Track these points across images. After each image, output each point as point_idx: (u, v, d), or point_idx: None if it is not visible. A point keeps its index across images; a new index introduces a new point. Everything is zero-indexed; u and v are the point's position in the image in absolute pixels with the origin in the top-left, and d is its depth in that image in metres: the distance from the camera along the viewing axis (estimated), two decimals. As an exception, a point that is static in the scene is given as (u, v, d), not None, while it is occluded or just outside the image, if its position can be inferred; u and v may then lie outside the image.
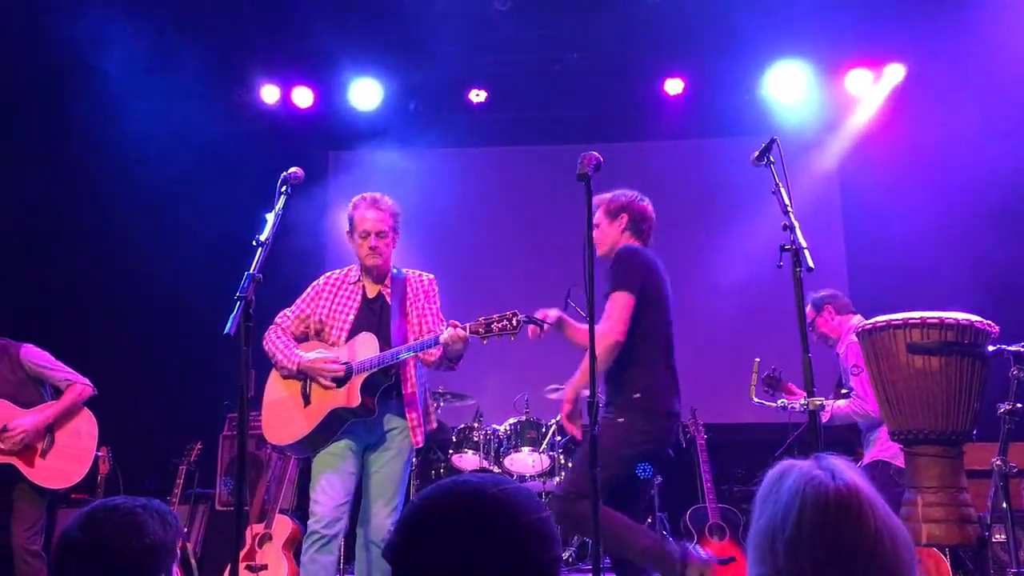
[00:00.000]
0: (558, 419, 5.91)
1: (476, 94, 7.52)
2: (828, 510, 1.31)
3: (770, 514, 1.35)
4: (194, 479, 5.90)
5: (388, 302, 3.75)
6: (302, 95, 7.51)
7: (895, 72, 7.14)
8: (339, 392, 3.57)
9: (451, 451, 5.91)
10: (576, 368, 3.59)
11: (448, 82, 7.50)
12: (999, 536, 3.63)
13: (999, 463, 3.11)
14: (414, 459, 4.62)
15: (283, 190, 3.29)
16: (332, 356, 3.61)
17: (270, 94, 7.48)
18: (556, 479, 5.55)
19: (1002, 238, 6.18)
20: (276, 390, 3.76)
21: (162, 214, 6.64)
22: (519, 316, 3.39)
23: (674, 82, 7.35)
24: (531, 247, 7.52)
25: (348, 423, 3.59)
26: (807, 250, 2.98)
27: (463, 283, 6.36)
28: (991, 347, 3.05)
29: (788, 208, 3.08)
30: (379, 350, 3.56)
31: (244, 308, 2.90)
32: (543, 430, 5.82)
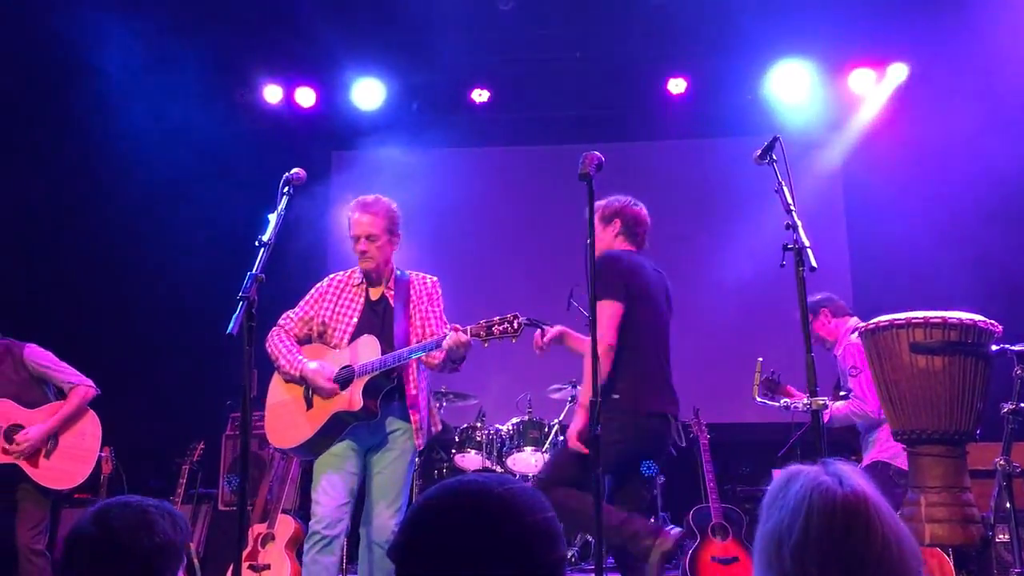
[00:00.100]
0: (561, 419, 5.92)
1: (479, 94, 7.52)
2: (835, 516, 1.30)
3: (777, 520, 1.35)
4: (197, 479, 5.90)
5: (391, 304, 3.73)
6: (305, 95, 7.52)
7: (898, 71, 7.13)
8: (341, 395, 3.56)
9: (454, 451, 5.91)
10: (578, 370, 3.60)
11: (451, 82, 7.51)
12: (1002, 536, 3.63)
13: (1002, 463, 3.11)
14: (417, 459, 4.61)
15: (285, 191, 3.29)
16: (328, 373, 3.60)
17: (273, 94, 7.49)
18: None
19: (1006, 237, 6.18)
20: (279, 393, 3.76)
21: (165, 214, 6.65)
22: (520, 318, 3.37)
23: (677, 82, 7.34)
24: (533, 247, 7.51)
25: (351, 426, 3.58)
26: (810, 249, 2.97)
27: (465, 283, 6.36)
28: (994, 347, 3.05)
29: (791, 207, 3.07)
30: (381, 353, 3.55)
31: (247, 308, 2.90)
32: (545, 430, 5.82)
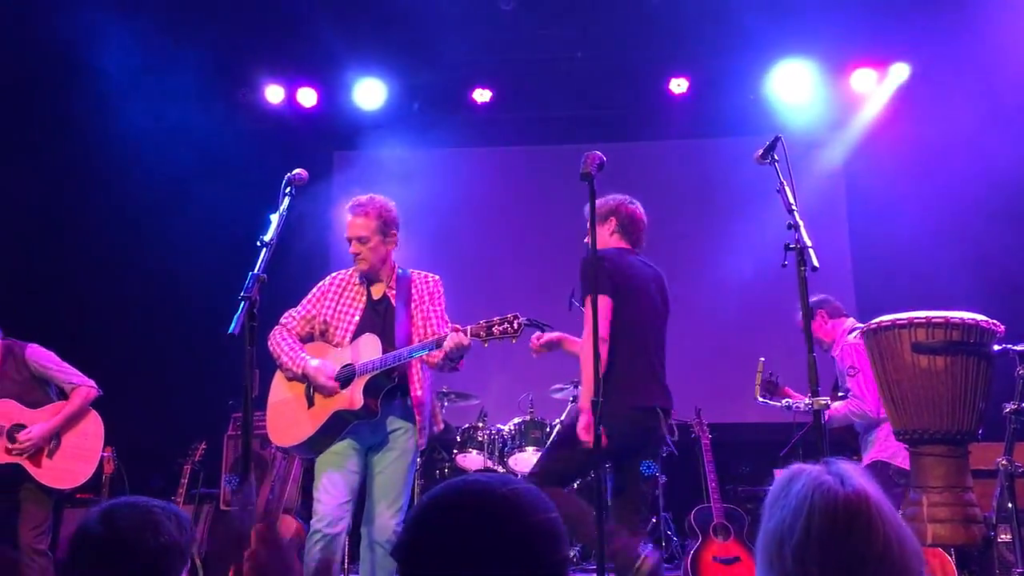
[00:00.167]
0: (562, 418, 5.92)
1: (480, 94, 7.52)
2: (837, 516, 1.30)
3: (779, 519, 1.35)
4: (199, 479, 5.90)
5: (393, 303, 3.73)
6: (306, 95, 7.52)
7: (900, 71, 7.12)
8: (342, 394, 3.56)
9: (455, 451, 5.91)
10: (579, 370, 3.61)
11: (452, 82, 7.51)
12: (1004, 536, 3.62)
13: (1004, 463, 3.11)
14: (418, 459, 4.61)
15: (287, 191, 3.29)
16: (329, 371, 3.59)
17: (274, 94, 7.49)
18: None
19: (1007, 237, 6.17)
20: (280, 391, 3.76)
21: (167, 214, 6.65)
22: (520, 319, 3.36)
23: (679, 81, 7.33)
24: (535, 247, 7.51)
25: (351, 424, 3.58)
26: (812, 249, 2.97)
27: (466, 283, 6.36)
28: (996, 346, 3.05)
29: (793, 207, 3.07)
30: (382, 352, 3.55)
31: (248, 308, 2.90)
32: (547, 430, 5.81)
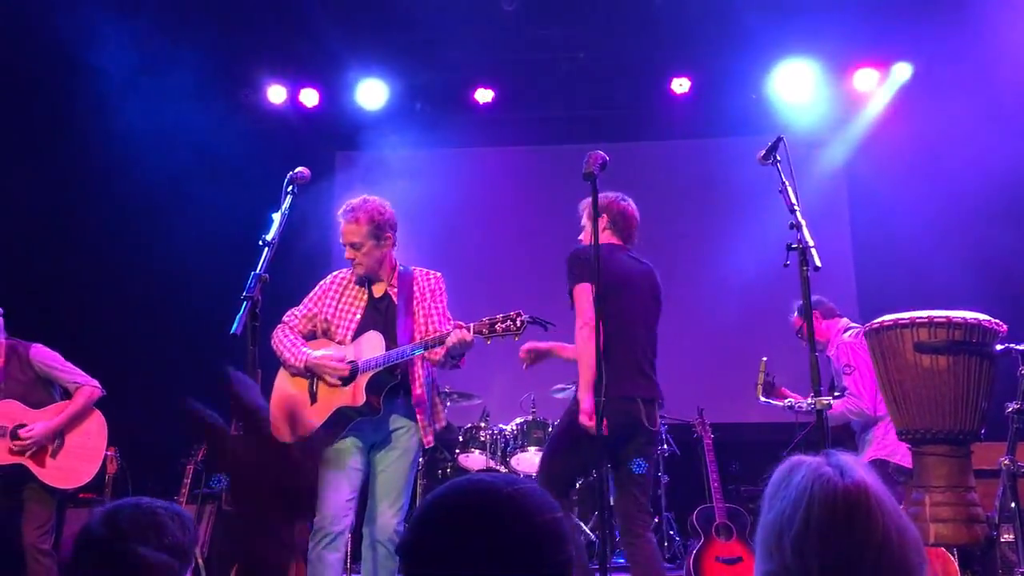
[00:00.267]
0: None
1: (482, 94, 7.52)
2: (836, 507, 1.30)
3: (778, 510, 1.35)
4: (201, 479, 5.91)
5: (394, 301, 3.73)
6: (308, 95, 7.53)
7: (902, 71, 7.12)
8: (345, 391, 3.57)
9: (458, 451, 5.91)
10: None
11: (454, 82, 7.51)
12: (1007, 536, 3.61)
13: (1007, 462, 3.11)
14: (420, 458, 4.61)
15: (289, 190, 3.30)
16: (339, 355, 3.60)
17: (277, 94, 7.50)
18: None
19: (1010, 236, 6.16)
20: (284, 387, 3.76)
21: (168, 214, 6.65)
22: (523, 316, 3.36)
23: (681, 81, 7.32)
24: (537, 247, 7.51)
25: (354, 422, 3.59)
26: (814, 249, 2.97)
27: (469, 282, 6.36)
28: (999, 346, 3.04)
29: (795, 207, 3.08)
30: (385, 349, 3.55)
31: (250, 308, 2.91)
32: (549, 430, 5.81)
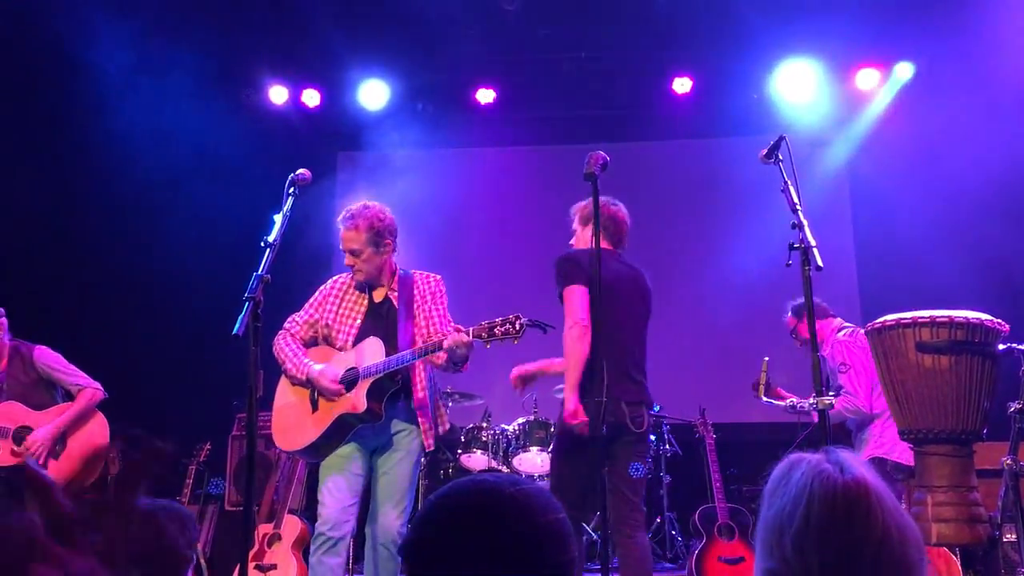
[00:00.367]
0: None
1: (484, 94, 7.52)
2: (836, 504, 1.30)
3: (778, 507, 1.35)
4: (203, 479, 5.92)
5: (395, 305, 3.72)
6: (310, 95, 7.53)
7: (904, 70, 7.11)
8: (346, 398, 3.56)
9: (460, 451, 5.91)
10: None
11: (455, 82, 7.51)
12: (1010, 536, 3.61)
13: (1009, 462, 3.10)
14: (423, 460, 4.61)
15: (291, 191, 3.30)
16: (332, 374, 3.58)
17: (278, 94, 7.50)
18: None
19: (1012, 236, 6.15)
20: (286, 395, 3.76)
21: (170, 214, 6.65)
22: (522, 320, 3.33)
23: (682, 81, 7.31)
24: (538, 247, 7.49)
25: (355, 428, 3.58)
26: (816, 248, 2.97)
27: (469, 283, 6.37)
28: (1001, 346, 3.04)
29: (797, 206, 3.07)
30: (385, 355, 3.54)
31: (252, 309, 2.92)
32: (551, 430, 5.81)
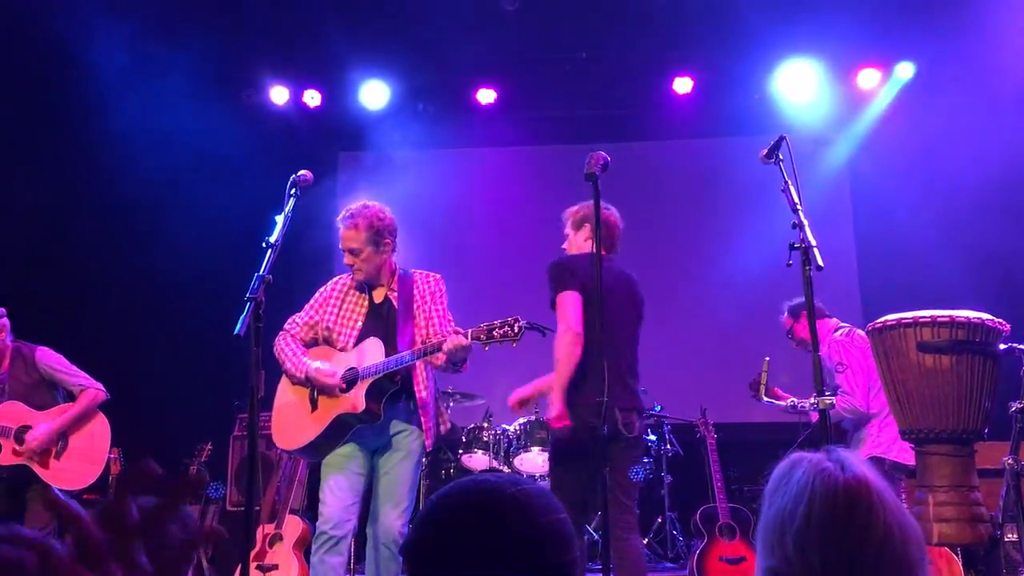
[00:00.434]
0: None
1: (484, 94, 7.52)
2: (837, 502, 1.30)
3: (779, 506, 1.35)
4: (205, 480, 5.91)
5: (395, 305, 3.71)
6: (311, 96, 7.53)
7: (905, 70, 7.11)
8: (345, 398, 3.56)
9: (461, 451, 5.91)
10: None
11: (456, 82, 7.51)
12: (1011, 535, 3.61)
13: (1011, 462, 3.10)
14: (424, 460, 4.61)
15: (292, 192, 3.30)
16: (330, 370, 3.59)
17: (279, 95, 7.50)
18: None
19: (1014, 236, 6.15)
20: (286, 395, 3.77)
21: (171, 215, 6.66)
22: (520, 322, 3.33)
23: (683, 81, 7.31)
24: (539, 247, 7.47)
25: (354, 428, 3.58)
26: (817, 248, 2.97)
27: (470, 283, 6.36)
28: (1002, 345, 3.04)
29: (797, 206, 3.07)
30: (384, 355, 3.55)
31: (254, 309, 2.92)
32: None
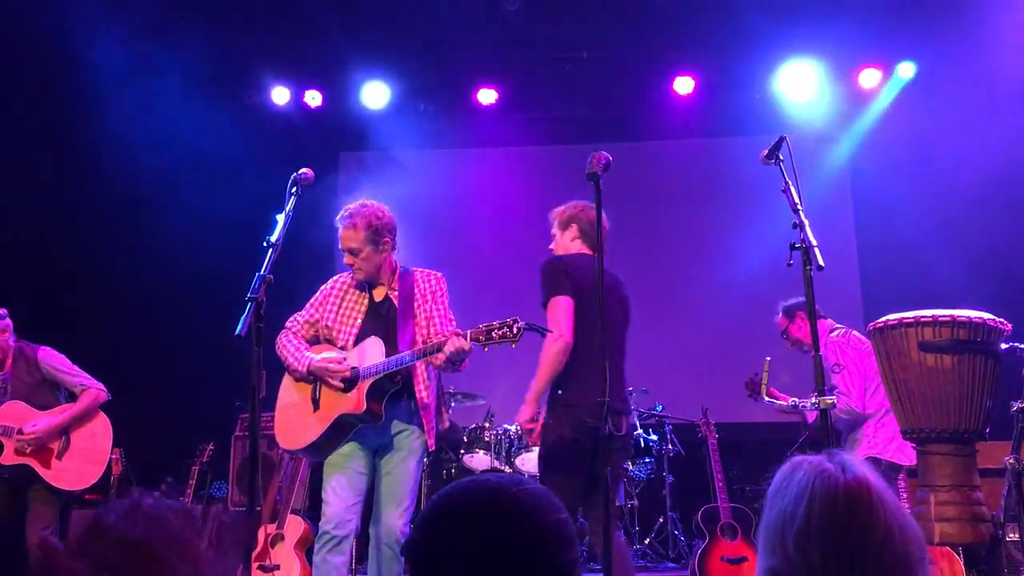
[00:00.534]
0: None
1: (486, 94, 7.52)
2: (838, 503, 1.31)
3: (780, 507, 1.35)
4: (207, 480, 5.92)
5: (395, 304, 3.71)
6: (312, 96, 7.54)
7: (906, 70, 7.11)
8: (347, 398, 3.55)
9: (462, 451, 5.91)
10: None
11: (457, 82, 7.51)
12: (1012, 535, 3.61)
13: (1012, 461, 3.10)
14: (425, 459, 4.61)
15: (293, 191, 3.29)
16: (340, 356, 3.59)
17: (281, 95, 7.51)
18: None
19: (1015, 236, 6.15)
20: (288, 394, 3.76)
21: (172, 214, 6.66)
22: (520, 323, 3.29)
23: (684, 81, 7.32)
24: (540, 247, 7.47)
25: (356, 428, 3.57)
26: (817, 248, 2.97)
27: (470, 283, 6.36)
28: (1004, 345, 3.04)
29: (798, 206, 3.07)
30: (385, 355, 3.54)
31: (255, 309, 2.91)
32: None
